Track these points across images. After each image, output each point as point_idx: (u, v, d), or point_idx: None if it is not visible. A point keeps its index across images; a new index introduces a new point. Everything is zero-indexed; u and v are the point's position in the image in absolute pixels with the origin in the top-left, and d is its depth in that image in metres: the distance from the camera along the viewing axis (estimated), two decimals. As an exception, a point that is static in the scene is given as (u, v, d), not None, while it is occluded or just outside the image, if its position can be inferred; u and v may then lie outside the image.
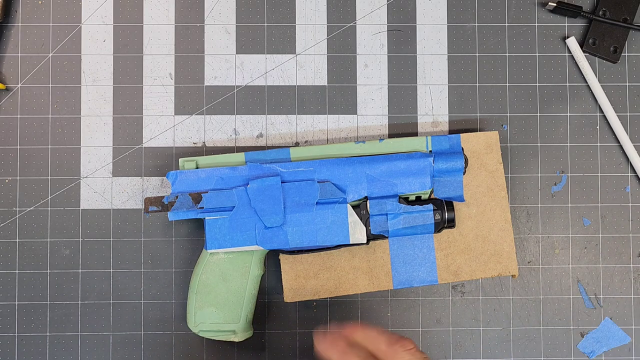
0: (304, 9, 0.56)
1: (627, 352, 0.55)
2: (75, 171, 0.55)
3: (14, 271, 0.55)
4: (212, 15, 0.56)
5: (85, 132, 0.55)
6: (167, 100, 0.56)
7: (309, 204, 0.51)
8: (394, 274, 0.53)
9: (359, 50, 0.56)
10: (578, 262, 0.55)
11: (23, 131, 0.55)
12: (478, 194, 0.54)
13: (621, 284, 0.55)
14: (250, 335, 0.52)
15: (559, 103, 0.56)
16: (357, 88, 0.56)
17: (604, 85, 0.56)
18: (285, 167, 0.51)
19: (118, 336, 0.54)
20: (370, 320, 0.55)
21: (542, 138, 0.56)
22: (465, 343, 0.55)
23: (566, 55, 0.56)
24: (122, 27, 0.56)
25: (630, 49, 0.57)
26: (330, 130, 0.56)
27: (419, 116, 0.56)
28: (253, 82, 0.56)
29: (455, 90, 0.56)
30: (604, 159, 0.56)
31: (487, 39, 0.56)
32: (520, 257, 0.55)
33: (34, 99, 0.55)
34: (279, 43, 0.56)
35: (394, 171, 0.51)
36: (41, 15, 0.56)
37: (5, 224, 0.55)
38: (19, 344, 0.54)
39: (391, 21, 0.56)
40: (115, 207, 0.55)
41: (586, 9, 0.56)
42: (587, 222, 0.56)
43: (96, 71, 0.56)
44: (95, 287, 0.54)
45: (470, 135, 0.54)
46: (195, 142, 0.55)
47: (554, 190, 0.56)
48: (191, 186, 0.51)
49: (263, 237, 0.50)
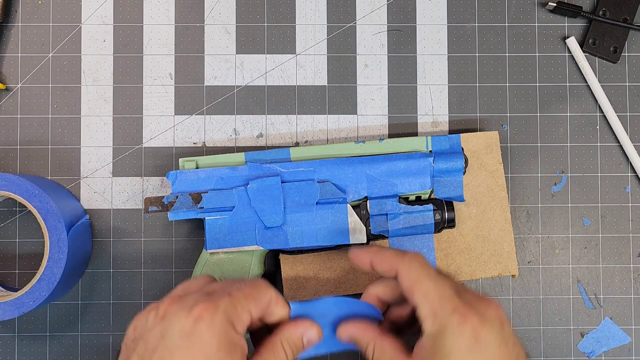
0: (304, 9, 0.56)
1: (627, 352, 0.55)
2: (75, 171, 0.55)
3: (14, 271, 0.55)
4: (212, 15, 0.56)
5: (85, 132, 0.55)
6: (167, 100, 0.56)
7: (309, 204, 0.51)
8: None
9: (359, 50, 0.56)
10: (578, 262, 0.56)
11: (23, 131, 0.55)
12: (478, 194, 0.54)
13: (621, 284, 0.55)
14: (250, 335, 0.52)
15: (559, 103, 0.56)
16: (357, 88, 0.56)
17: (604, 85, 0.56)
18: (285, 167, 0.51)
19: (118, 336, 0.54)
20: (370, 320, 0.55)
21: (542, 138, 0.56)
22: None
23: (566, 55, 0.56)
24: (122, 27, 0.56)
25: (630, 49, 0.57)
26: (330, 130, 0.56)
27: (419, 116, 0.56)
28: (253, 82, 0.56)
29: (455, 90, 0.56)
30: (604, 159, 0.56)
31: (487, 39, 0.56)
32: (520, 257, 0.55)
33: (34, 99, 0.55)
34: (279, 43, 0.56)
35: (394, 171, 0.51)
36: (41, 15, 0.56)
37: (5, 224, 0.55)
38: (19, 344, 0.54)
39: (391, 21, 0.56)
40: (115, 207, 0.55)
41: (586, 9, 0.56)
42: (587, 222, 0.56)
43: (96, 71, 0.56)
44: (95, 287, 0.54)
45: (470, 135, 0.54)
46: (195, 142, 0.55)
47: (554, 190, 0.56)
48: (191, 186, 0.51)
49: (263, 237, 0.50)
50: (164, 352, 0.40)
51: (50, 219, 0.49)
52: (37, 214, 0.49)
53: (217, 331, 0.40)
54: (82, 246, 0.52)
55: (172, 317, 0.41)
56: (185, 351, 0.40)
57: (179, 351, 0.40)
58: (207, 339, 0.40)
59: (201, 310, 0.40)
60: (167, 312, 0.41)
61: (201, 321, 0.40)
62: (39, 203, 0.49)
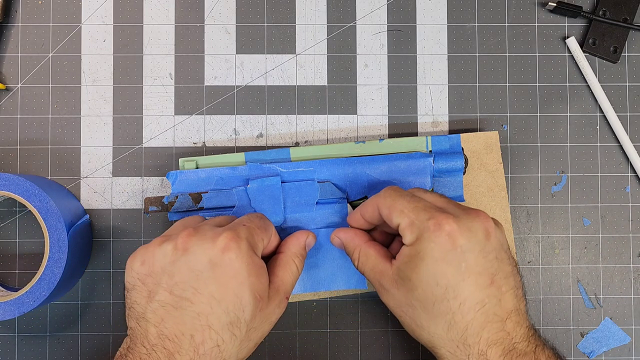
0: (304, 9, 0.56)
1: (627, 352, 0.55)
2: (75, 171, 0.55)
3: (13, 271, 0.55)
4: (212, 15, 0.56)
5: (85, 132, 0.55)
6: (167, 100, 0.56)
7: (309, 204, 0.51)
8: (394, 274, 0.53)
9: (359, 50, 0.56)
10: (578, 262, 0.56)
11: (23, 131, 0.55)
12: (478, 194, 0.54)
13: (621, 284, 0.55)
14: (250, 335, 0.52)
15: (559, 103, 0.56)
16: (357, 88, 0.56)
17: (604, 85, 0.56)
18: (285, 167, 0.51)
19: (118, 336, 0.54)
20: (369, 320, 0.55)
21: (542, 138, 0.56)
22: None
23: (566, 55, 0.56)
24: (122, 27, 0.56)
25: (630, 49, 0.57)
26: (330, 130, 0.56)
27: (419, 116, 0.56)
28: (253, 82, 0.56)
29: (455, 90, 0.56)
30: (604, 159, 0.56)
31: (487, 39, 0.56)
32: (520, 257, 0.55)
33: (34, 99, 0.55)
34: (279, 43, 0.56)
35: (394, 171, 0.51)
36: (41, 15, 0.56)
37: (5, 224, 0.55)
38: (19, 344, 0.54)
39: (391, 21, 0.56)
40: (115, 207, 0.55)
41: (586, 9, 0.56)
42: (587, 222, 0.56)
43: (96, 71, 0.56)
44: (96, 287, 0.54)
45: (470, 135, 0.54)
46: (195, 142, 0.55)
47: (554, 190, 0.56)
48: (191, 186, 0.51)
49: (263, 237, 0.50)
50: (197, 284, 0.41)
51: (50, 219, 0.49)
52: (37, 214, 0.49)
53: (245, 258, 0.42)
54: (82, 246, 0.52)
55: (196, 249, 0.42)
56: (218, 281, 0.41)
57: (213, 281, 0.41)
58: (237, 267, 0.41)
59: (227, 240, 0.42)
60: (190, 246, 0.42)
61: (229, 251, 0.41)
62: (39, 203, 0.49)
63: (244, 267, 0.41)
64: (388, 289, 0.44)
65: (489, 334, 0.41)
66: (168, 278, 0.41)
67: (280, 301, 0.45)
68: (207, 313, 0.40)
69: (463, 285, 0.41)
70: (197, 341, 0.40)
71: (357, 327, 0.55)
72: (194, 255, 0.41)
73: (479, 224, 0.42)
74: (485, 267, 0.41)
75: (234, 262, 0.41)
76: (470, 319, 0.41)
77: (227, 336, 0.41)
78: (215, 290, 0.41)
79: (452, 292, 0.41)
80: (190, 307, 0.40)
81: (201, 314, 0.40)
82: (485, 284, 0.41)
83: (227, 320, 0.41)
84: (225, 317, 0.41)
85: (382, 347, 0.55)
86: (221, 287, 0.41)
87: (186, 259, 0.41)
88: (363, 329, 0.55)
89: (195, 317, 0.40)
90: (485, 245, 0.42)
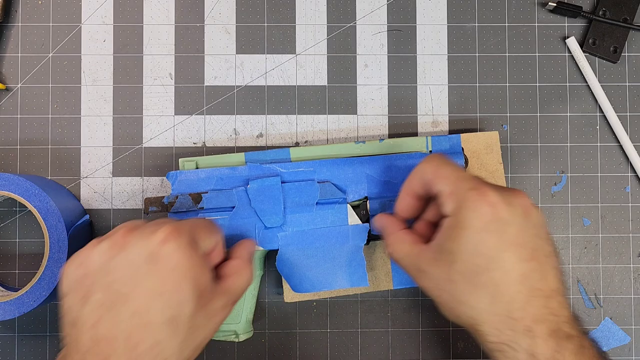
0: (304, 9, 0.56)
1: (627, 352, 0.55)
2: (75, 171, 0.55)
3: (14, 271, 0.55)
4: (212, 15, 0.56)
5: (85, 132, 0.55)
6: (167, 100, 0.56)
7: (309, 204, 0.51)
8: (394, 274, 0.53)
9: (359, 50, 0.56)
10: (578, 262, 0.56)
11: (23, 131, 0.55)
12: (478, 194, 0.54)
13: (621, 284, 0.55)
14: (251, 335, 0.52)
15: (559, 103, 0.56)
16: (357, 88, 0.56)
17: (604, 85, 0.56)
18: (285, 167, 0.51)
19: (118, 336, 0.54)
20: (369, 320, 0.55)
21: (542, 138, 0.56)
22: (465, 343, 0.55)
23: (566, 55, 0.56)
24: (122, 27, 0.56)
25: (630, 49, 0.57)
26: (330, 131, 0.56)
27: (419, 116, 0.56)
28: (253, 82, 0.56)
29: (455, 90, 0.56)
30: (604, 159, 0.56)
31: (487, 39, 0.56)
32: (520, 257, 0.55)
33: (34, 99, 0.55)
34: (279, 43, 0.56)
35: (394, 171, 0.51)
36: (41, 15, 0.56)
37: (5, 224, 0.55)
38: (19, 344, 0.54)
39: (391, 21, 0.56)
40: (115, 207, 0.55)
41: (586, 9, 0.56)
42: (587, 222, 0.56)
43: (96, 71, 0.56)
44: (95, 287, 0.54)
45: (470, 135, 0.54)
46: (195, 142, 0.55)
47: (554, 190, 0.56)
48: (191, 186, 0.51)
49: (263, 238, 0.50)
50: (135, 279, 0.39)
51: (50, 219, 0.49)
52: (37, 213, 0.49)
53: (186, 251, 0.40)
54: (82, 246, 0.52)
55: (134, 244, 0.40)
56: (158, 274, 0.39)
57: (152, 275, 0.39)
58: (177, 258, 0.39)
59: (166, 234, 0.40)
60: (128, 241, 0.40)
61: (168, 242, 0.39)
62: (39, 203, 0.49)
63: (185, 259, 0.39)
64: (425, 270, 0.42)
65: (535, 310, 0.39)
66: (105, 276, 0.39)
67: (226, 303, 0.43)
68: (145, 309, 0.38)
69: (505, 256, 0.40)
70: (133, 341, 0.38)
71: (357, 327, 0.55)
72: (133, 249, 0.39)
73: (519, 200, 0.41)
74: (526, 240, 0.40)
75: (174, 254, 0.39)
76: (514, 291, 0.39)
77: (167, 333, 0.39)
78: (155, 284, 0.38)
79: (495, 262, 0.39)
80: (126, 306, 0.38)
81: (138, 311, 0.38)
82: (527, 257, 0.40)
83: (167, 315, 0.39)
84: (166, 312, 0.39)
85: (382, 347, 0.55)
86: (160, 280, 0.39)
87: (124, 254, 0.39)
88: (363, 329, 0.55)
89: (132, 316, 0.38)
90: (525, 221, 0.41)
